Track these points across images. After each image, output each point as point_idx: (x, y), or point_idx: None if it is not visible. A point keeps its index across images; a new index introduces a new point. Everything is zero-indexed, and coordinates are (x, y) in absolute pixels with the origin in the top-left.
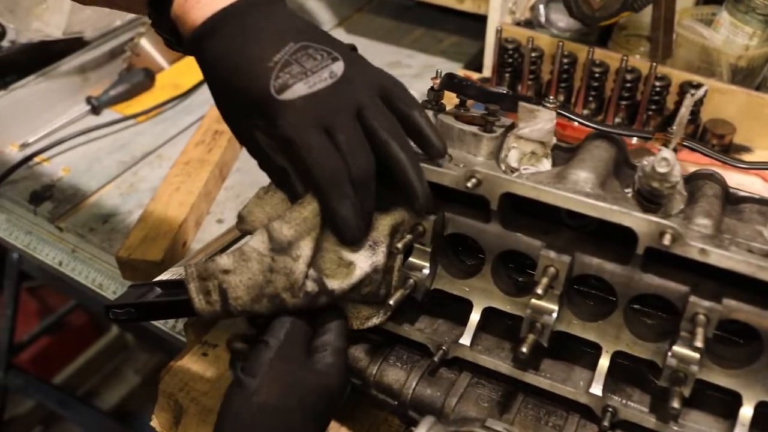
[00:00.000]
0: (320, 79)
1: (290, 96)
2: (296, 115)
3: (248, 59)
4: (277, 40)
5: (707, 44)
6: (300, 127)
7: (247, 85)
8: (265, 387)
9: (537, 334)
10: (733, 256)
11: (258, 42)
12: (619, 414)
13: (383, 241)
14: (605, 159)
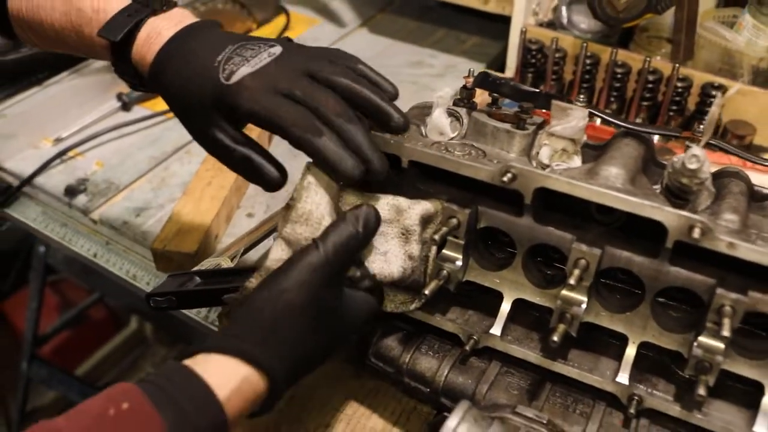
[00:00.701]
0: (261, 60)
1: (238, 78)
2: (249, 91)
3: (196, 68)
4: (217, 47)
5: (729, 46)
6: (256, 98)
7: (201, 90)
8: (298, 290)
9: (567, 324)
10: (760, 249)
11: (201, 52)
12: (644, 402)
13: (415, 229)
14: (634, 156)
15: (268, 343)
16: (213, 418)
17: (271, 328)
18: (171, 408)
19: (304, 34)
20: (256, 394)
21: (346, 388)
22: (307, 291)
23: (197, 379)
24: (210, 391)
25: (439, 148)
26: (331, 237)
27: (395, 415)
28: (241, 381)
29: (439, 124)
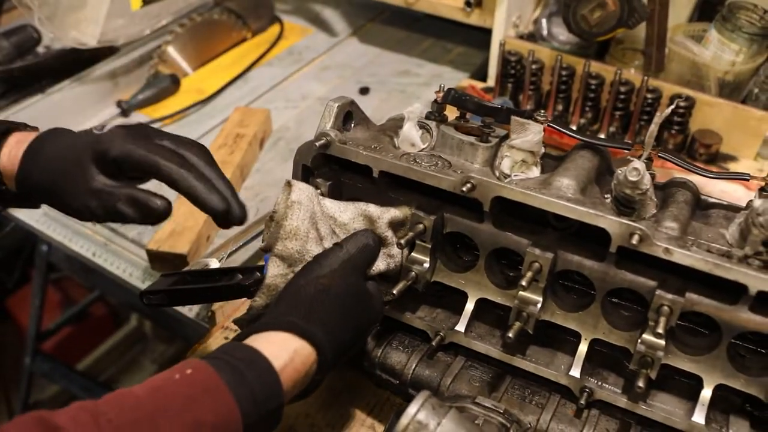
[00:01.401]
0: (129, 123)
1: (109, 128)
2: (123, 135)
3: (70, 138)
4: (81, 131)
5: (697, 59)
6: (130, 141)
7: (77, 149)
8: (330, 276)
9: (523, 322)
10: (693, 255)
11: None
12: (594, 394)
13: (387, 235)
14: (587, 168)
15: (310, 318)
16: (268, 379)
17: (310, 307)
18: (229, 370)
19: (298, 43)
20: (306, 365)
21: (325, 380)
22: (338, 277)
23: (252, 349)
24: (264, 357)
25: (408, 159)
26: (351, 241)
27: (370, 405)
28: (292, 352)
29: (409, 136)
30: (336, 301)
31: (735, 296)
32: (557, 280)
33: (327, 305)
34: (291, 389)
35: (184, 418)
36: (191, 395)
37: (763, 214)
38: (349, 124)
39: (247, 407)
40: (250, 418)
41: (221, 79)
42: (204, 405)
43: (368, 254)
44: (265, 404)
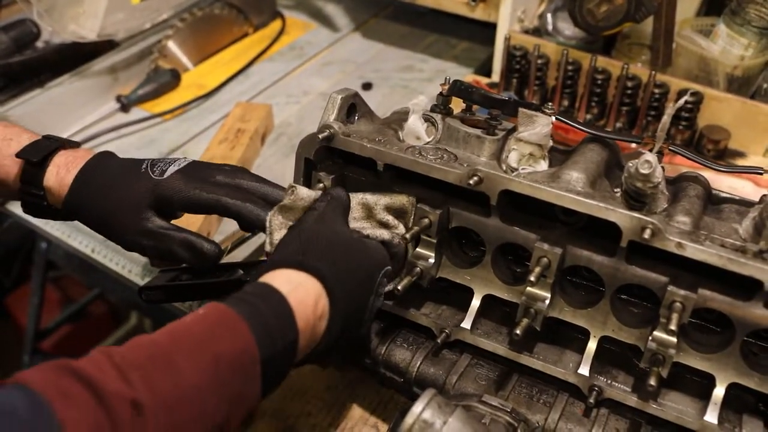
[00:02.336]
0: (180, 163)
1: (170, 173)
2: (181, 182)
3: (125, 176)
4: (134, 163)
5: (705, 54)
6: (193, 185)
7: (134, 191)
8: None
9: (531, 319)
10: (706, 249)
11: (124, 166)
12: (604, 393)
13: (388, 219)
14: (597, 161)
15: (307, 255)
16: (281, 310)
17: (305, 247)
18: (243, 304)
19: (300, 38)
20: (313, 296)
21: (327, 378)
22: (324, 220)
23: (262, 284)
24: (275, 289)
25: (413, 152)
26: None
27: (373, 404)
28: (297, 285)
29: (414, 129)
30: (329, 239)
31: (748, 292)
32: (565, 276)
33: (320, 243)
34: (304, 325)
35: (201, 351)
36: (206, 330)
37: None
38: (352, 116)
39: (263, 338)
40: (267, 350)
41: (222, 74)
42: (220, 338)
43: (339, 202)
44: (282, 336)
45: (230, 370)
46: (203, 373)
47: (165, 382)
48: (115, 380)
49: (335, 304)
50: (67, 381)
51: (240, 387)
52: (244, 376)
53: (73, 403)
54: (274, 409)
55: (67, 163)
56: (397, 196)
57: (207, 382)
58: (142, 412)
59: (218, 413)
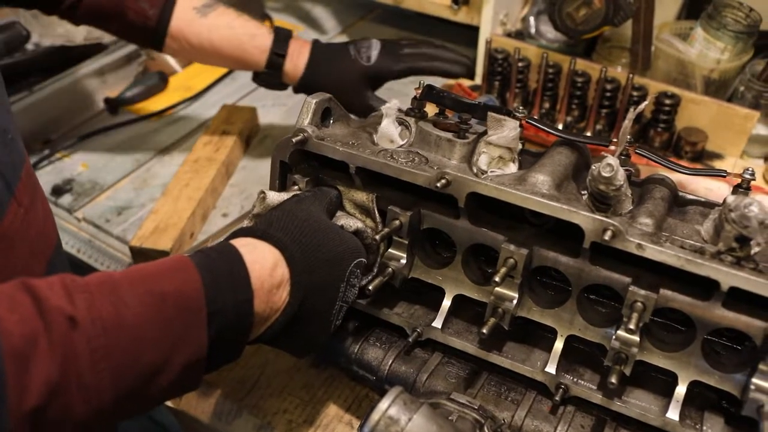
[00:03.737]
0: (376, 44)
1: (374, 58)
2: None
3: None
4: (343, 48)
5: (683, 57)
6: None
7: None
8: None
9: (498, 318)
10: (665, 250)
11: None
12: (570, 391)
13: (353, 212)
14: (564, 164)
15: (274, 226)
16: (236, 268)
17: (275, 218)
18: (199, 254)
19: None
20: (272, 262)
21: (303, 376)
22: (303, 202)
23: (225, 243)
24: (235, 248)
25: (385, 155)
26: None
27: (348, 402)
28: (254, 248)
29: (387, 132)
30: (301, 218)
31: (708, 292)
32: (534, 277)
33: (289, 219)
34: (259, 286)
35: (147, 287)
36: (158, 271)
37: (735, 210)
38: (327, 120)
39: (211, 286)
40: (214, 298)
41: (210, 76)
42: (169, 279)
43: (324, 194)
44: (232, 289)
45: (175, 309)
46: (147, 307)
47: (105, 306)
48: (60, 298)
49: (296, 274)
50: (19, 293)
51: (183, 329)
52: (189, 319)
53: (17, 310)
54: (251, 406)
55: (297, 52)
56: (358, 193)
57: (149, 315)
58: (76, 328)
59: (157, 350)
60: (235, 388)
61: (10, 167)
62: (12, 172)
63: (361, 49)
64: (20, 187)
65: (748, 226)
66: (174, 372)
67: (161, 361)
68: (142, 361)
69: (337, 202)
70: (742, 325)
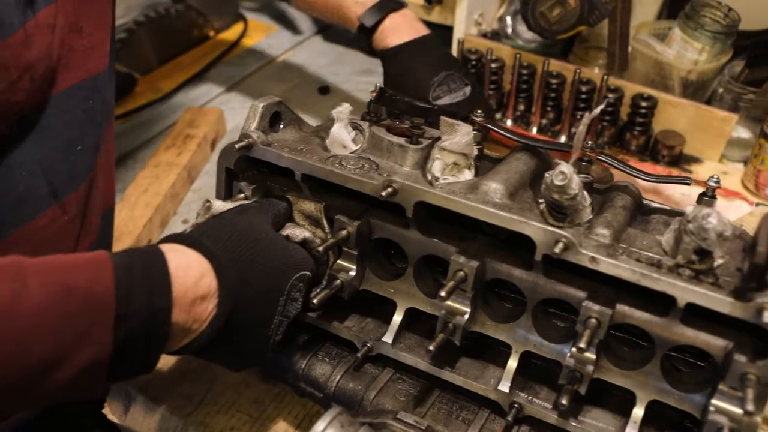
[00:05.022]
0: (457, 96)
1: (440, 103)
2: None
3: (415, 82)
4: (433, 70)
5: (660, 58)
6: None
7: (416, 93)
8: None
9: (449, 334)
10: (620, 264)
11: (420, 72)
12: (524, 410)
13: (302, 223)
14: (521, 171)
15: (207, 235)
16: (157, 271)
17: (210, 227)
18: (119, 254)
19: (261, 41)
20: (198, 272)
21: (253, 392)
22: (246, 213)
23: (151, 246)
24: (161, 251)
25: (333, 162)
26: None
27: (298, 419)
28: (181, 255)
29: (338, 137)
30: (240, 229)
31: (667, 308)
32: (492, 289)
33: (226, 230)
34: (181, 296)
35: (56, 276)
36: (74, 264)
37: (693, 221)
38: (277, 125)
39: (123, 288)
40: (125, 301)
41: (180, 78)
42: (80, 273)
43: (272, 205)
44: (147, 293)
45: (80, 304)
46: (50, 297)
47: (3, 290)
48: None
49: (225, 287)
50: None
51: (86, 327)
52: (94, 317)
53: None
54: (198, 422)
55: (391, 30)
56: (306, 202)
57: (50, 306)
58: None
59: (53, 343)
60: (181, 404)
61: (66, 176)
62: (67, 181)
63: (443, 85)
64: (72, 197)
65: (706, 239)
66: (72, 370)
67: (57, 355)
68: (35, 351)
69: (285, 213)
70: (701, 343)
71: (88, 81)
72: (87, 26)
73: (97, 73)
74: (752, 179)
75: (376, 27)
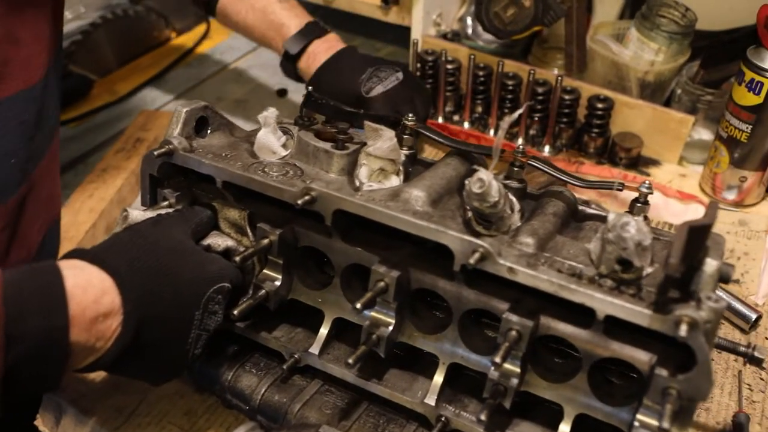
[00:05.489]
0: (390, 82)
1: (374, 93)
2: (378, 104)
3: (344, 84)
4: (357, 69)
5: (616, 59)
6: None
7: (348, 99)
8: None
9: (373, 345)
10: (538, 275)
11: (347, 73)
12: (451, 423)
13: (228, 231)
14: (449, 177)
15: (112, 250)
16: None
17: (119, 241)
18: (12, 270)
19: (222, 42)
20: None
21: (186, 402)
22: (160, 225)
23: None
24: (56, 266)
25: (255, 169)
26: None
27: (224, 426)
28: (80, 271)
29: (265, 143)
30: (152, 242)
31: (591, 319)
32: (422, 299)
33: (135, 244)
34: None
35: None
36: None
37: (612, 230)
38: (204, 130)
39: (14, 302)
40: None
41: (138, 80)
42: None
43: (193, 214)
44: (41, 311)
45: None
46: None
47: None
48: None
49: (130, 303)
50: None
51: None
52: None
53: None
54: None
55: (318, 52)
56: (231, 210)
57: None
58: None
59: None
60: (111, 416)
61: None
62: None
63: (373, 77)
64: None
65: (626, 248)
66: None
67: None
68: None
69: (209, 222)
70: (626, 356)
71: (24, 92)
72: (24, 37)
73: (32, 84)
74: (709, 182)
75: (300, 54)
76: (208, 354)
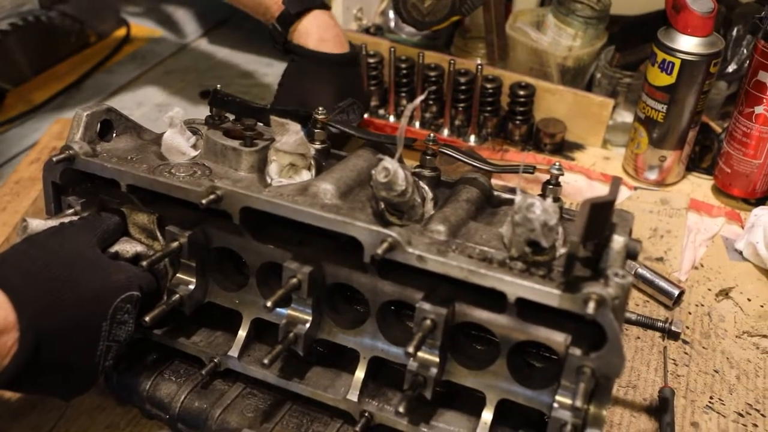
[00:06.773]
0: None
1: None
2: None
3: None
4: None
5: (536, 46)
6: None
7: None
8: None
9: (291, 344)
10: (448, 261)
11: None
12: (374, 418)
13: (138, 237)
14: (359, 168)
15: (6, 263)
16: None
17: (14, 253)
18: None
19: (143, 46)
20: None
21: (107, 417)
22: (62, 234)
23: None
24: None
25: (161, 171)
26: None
27: None
28: None
29: (173, 144)
30: (50, 253)
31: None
32: (341, 294)
33: (30, 255)
34: None
35: None
36: None
37: (518, 212)
38: (109, 134)
39: None
40: None
41: (55, 88)
42: None
43: (98, 221)
44: None
45: None
46: None
47: None
48: None
49: (27, 319)
50: None
51: None
52: None
53: None
54: None
55: (312, 28)
56: (140, 214)
57: None
58: None
59: None
60: None
61: None
62: None
63: (345, 110)
64: None
65: (533, 230)
66: None
67: None
68: None
69: (116, 228)
70: (542, 338)
71: None
72: None
73: None
74: (631, 163)
75: (298, 16)
76: (126, 364)
